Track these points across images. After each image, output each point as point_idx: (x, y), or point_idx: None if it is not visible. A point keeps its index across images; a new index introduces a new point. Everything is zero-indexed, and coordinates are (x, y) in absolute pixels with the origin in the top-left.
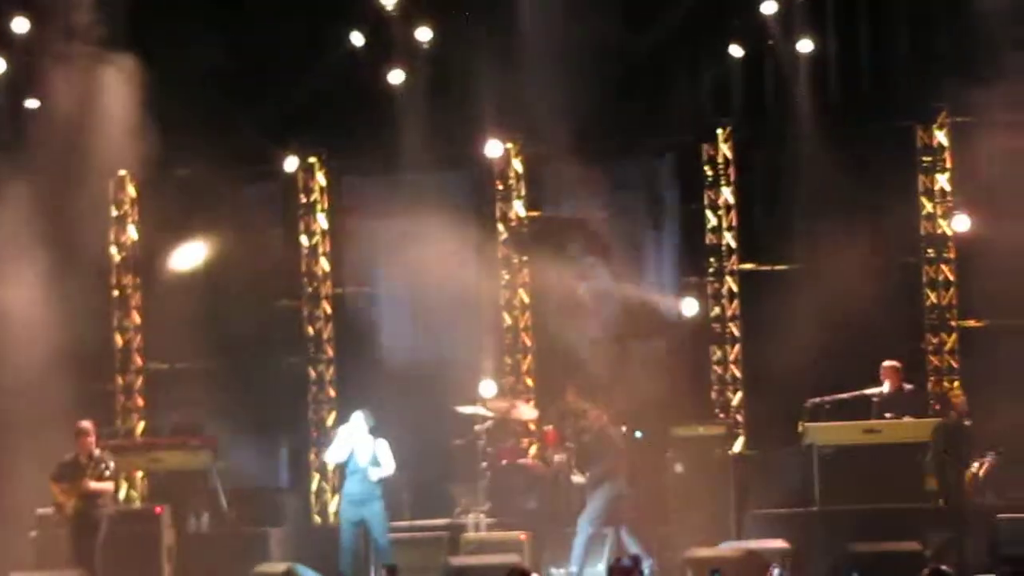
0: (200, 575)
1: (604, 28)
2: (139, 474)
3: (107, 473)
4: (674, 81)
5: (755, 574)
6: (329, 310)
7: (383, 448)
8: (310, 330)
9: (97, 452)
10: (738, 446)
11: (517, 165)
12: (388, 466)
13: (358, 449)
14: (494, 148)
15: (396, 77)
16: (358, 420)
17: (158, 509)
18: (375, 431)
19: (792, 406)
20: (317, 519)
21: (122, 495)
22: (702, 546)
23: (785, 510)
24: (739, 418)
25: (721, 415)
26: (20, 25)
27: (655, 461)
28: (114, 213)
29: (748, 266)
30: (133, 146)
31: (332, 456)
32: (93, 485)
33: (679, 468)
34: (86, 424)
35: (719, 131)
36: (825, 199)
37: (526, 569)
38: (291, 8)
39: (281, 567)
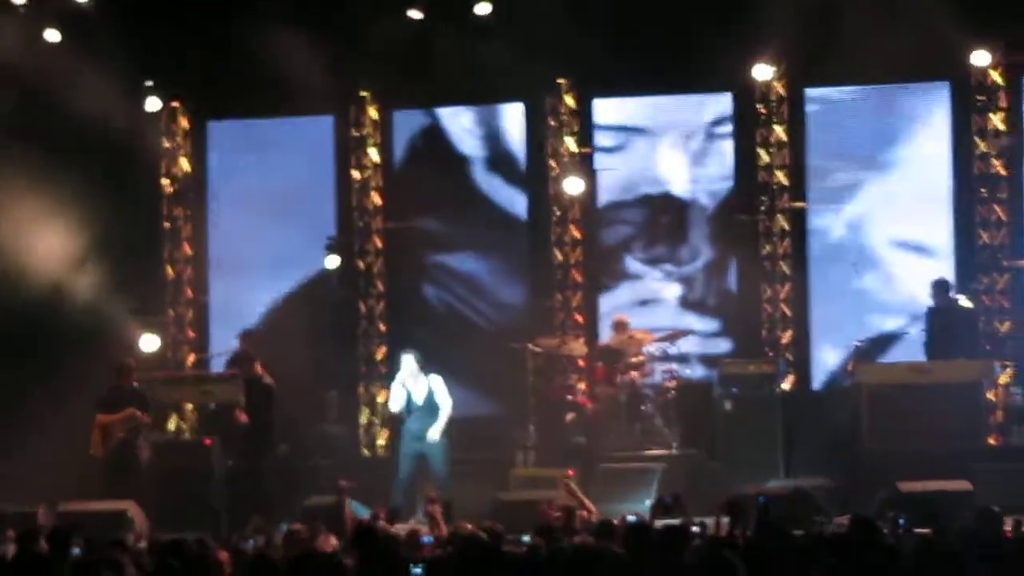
0: (249, 507)
1: None
2: (189, 406)
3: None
4: (729, 17)
5: (802, 511)
6: (380, 244)
7: (438, 384)
8: (360, 264)
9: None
10: (787, 384)
11: (570, 101)
12: (445, 405)
13: (413, 389)
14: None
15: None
16: (408, 361)
17: (207, 441)
18: (426, 368)
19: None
20: (366, 452)
21: (172, 427)
22: (750, 484)
23: (833, 448)
24: (788, 356)
25: (770, 353)
26: None
27: (703, 398)
28: (166, 144)
29: (799, 204)
30: (187, 77)
31: (393, 405)
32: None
33: (728, 406)
34: (130, 361)
35: (772, 69)
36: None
37: (570, 505)
38: None
39: (330, 500)
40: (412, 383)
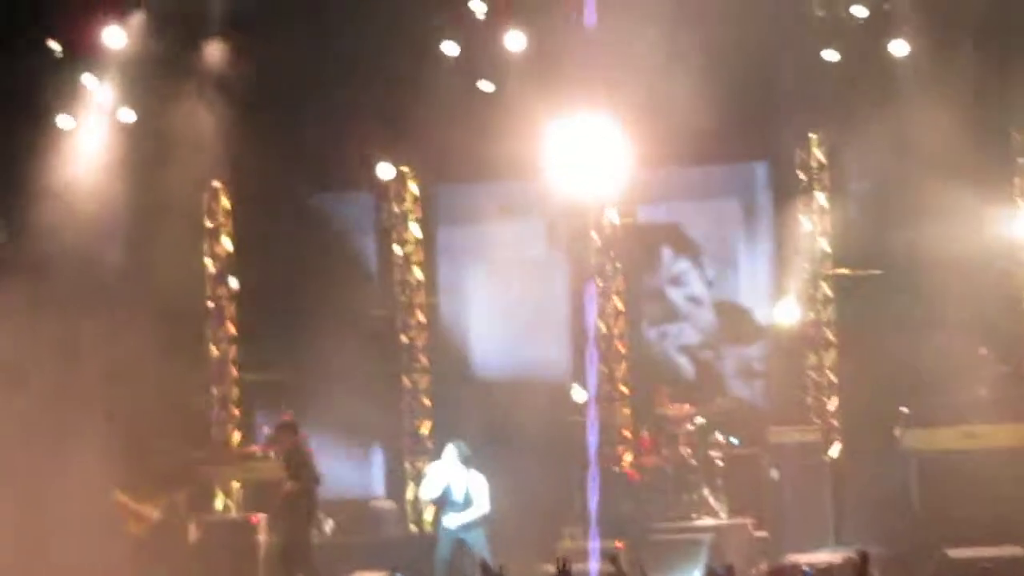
0: None
1: (694, 30)
2: (235, 484)
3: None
4: (768, 85)
5: None
6: (423, 319)
7: (477, 484)
8: (404, 339)
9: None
10: (834, 451)
11: None
12: (481, 506)
13: (453, 483)
14: None
15: (486, 86)
16: (451, 453)
17: (254, 518)
18: (469, 461)
19: (889, 411)
20: (413, 528)
21: (219, 505)
22: (799, 552)
23: (882, 515)
24: (835, 423)
25: (817, 420)
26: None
27: (751, 467)
28: (208, 224)
29: (843, 270)
30: (226, 157)
31: (426, 493)
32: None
33: (775, 474)
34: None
35: (813, 136)
36: (920, 203)
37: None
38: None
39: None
40: (453, 475)
